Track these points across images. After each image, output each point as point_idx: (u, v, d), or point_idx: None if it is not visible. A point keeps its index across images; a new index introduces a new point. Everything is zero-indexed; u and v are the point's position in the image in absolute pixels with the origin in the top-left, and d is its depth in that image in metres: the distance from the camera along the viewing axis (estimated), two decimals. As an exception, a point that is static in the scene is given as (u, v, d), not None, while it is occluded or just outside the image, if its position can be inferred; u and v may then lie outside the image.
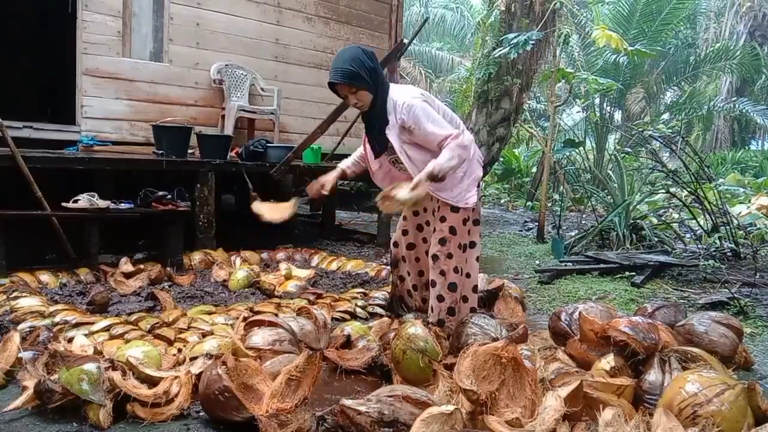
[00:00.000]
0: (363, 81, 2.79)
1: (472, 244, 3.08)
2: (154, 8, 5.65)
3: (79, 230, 4.27)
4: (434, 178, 2.71)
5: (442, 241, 2.95)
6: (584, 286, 4.65)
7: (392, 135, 2.88)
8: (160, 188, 4.57)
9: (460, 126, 3.04)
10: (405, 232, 3.25)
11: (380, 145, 2.99)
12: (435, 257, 2.98)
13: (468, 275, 3.08)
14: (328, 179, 3.19)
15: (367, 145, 3.11)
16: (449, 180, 2.87)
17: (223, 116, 5.96)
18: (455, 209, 2.94)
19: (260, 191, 7.26)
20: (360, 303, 3.77)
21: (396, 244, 3.29)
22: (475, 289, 3.15)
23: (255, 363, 2.36)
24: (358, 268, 4.89)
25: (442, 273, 2.97)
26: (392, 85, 2.96)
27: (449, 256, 2.96)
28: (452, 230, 2.95)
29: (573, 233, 7.00)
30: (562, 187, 10.32)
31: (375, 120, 2.91)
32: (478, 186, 3.06)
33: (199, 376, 2.33)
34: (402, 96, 2.84)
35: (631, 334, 2.42)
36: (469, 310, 3.09)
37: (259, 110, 6.11)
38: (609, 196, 7.20)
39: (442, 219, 2.96)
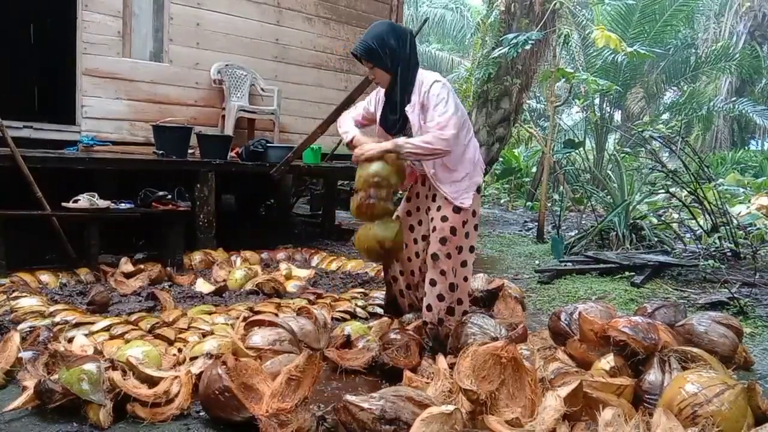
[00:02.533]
0: (379, 60, 2.85)
1: (471, 249, 3.11)
2: (154, 8, 5.65)
3: (79, 230, 4.27)
4: (398, 149, 2.82)
5: (443, 241, 2.96)
6: (584, 286, 4.65)
7: (412, 113, 2.89)
8: (160, 188, 4.57)
9: (470, 132, 3.07)
10: None
11: (397, 124, 2.99)
12: (435, 256, 2.98)
13: (465, 278, 3.11)
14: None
15: (378, 126, 3.13)
16: (449, 175, 2.94)
17: (223, 116, 5.96)
18: (457, 210, 2.96)
19: (259, 191, 7.29)
20: (360, 303, 3.78)
21: None
22: (469, 294, 3.18)
23: (255, 363, 2.36)
24: (358, 268, 4.89)
25: (443, 273, 2.98)
26: (423, 71, 2.96)
27: (448, 256, 2.97)
28: (453, 231, 2.96)
29: (573, 233, 7.00)
30: (561, 187, 10.33)
31: (395, 99, 2.94)
32: (479, 191, 3.08)
33: (199, 375, 2.33)
34: (430, 77, 2.88)
35: (631, 333, 2.42)
36: (461, 312, 3.09)
37: (259, 110, 6.11)
38: (609, 196, 7.20)
39: (444, 218, 2.97)
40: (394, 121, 3.02)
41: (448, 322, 3.00)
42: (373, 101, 3.16)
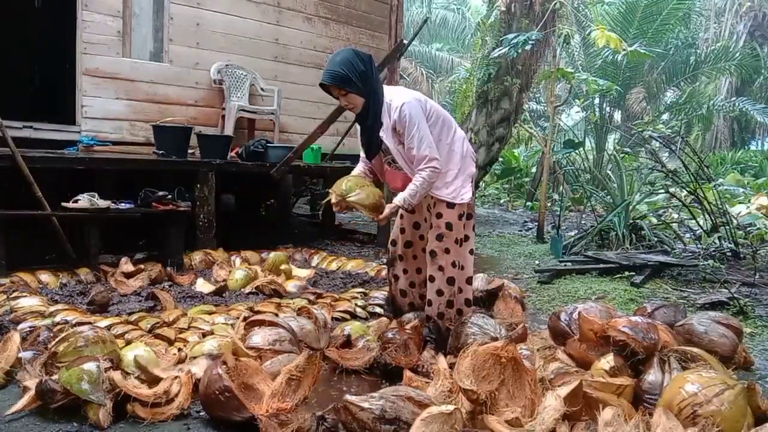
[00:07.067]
0: (352, 85, 2.82)
1: (467, 238, 3.14)
2: (154, 8, 5.65)
3: (80, 230, 4.27)
4: (404, 205, 2.93)
5: (439, 237, 2.99)
6: (584, 286, 4.65)
7: (387, 137, 2.91)
8: (160, 188, 4.57)
9: (453, 127, 3.08)
10: (402, 230, 3.28)
11: (374, 147, 3.02)
12: (433, 253, 3.01)
13: (462, 267, 3.13)
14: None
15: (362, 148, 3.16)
16: (442, 182, 2.96)
17: (223, 116, 5.96)
18: (451, 205, 2.99)
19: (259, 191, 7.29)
20: (360, 303, 3.78)
21: (393, 243, 3.33)
22: (469, 280, 3.18)
23: (255, 363, 2.36)
24: (358, 268, 4.89)
25: (441, 268, 3.01)
26: (388, 88, 3.00)
27: (446, 251, 3.00)
28: (449, 226, 2.99)
29: (573, 233, 7.00)
30: (561, 187, 10.33)
31: (368, 122, 2.95)
32: (472, 181, 3.10)
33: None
34: (396, 98, 2.88)
35: (631, 333, 2.42)
36: (464, 300, 3.13)
37: (259, 110, 6.11)
38: (608, 196, 7.20)
39: (438, 215, 3.00)
40: (369, 144, 3.03)
41: (448, 314, 3.04)
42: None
